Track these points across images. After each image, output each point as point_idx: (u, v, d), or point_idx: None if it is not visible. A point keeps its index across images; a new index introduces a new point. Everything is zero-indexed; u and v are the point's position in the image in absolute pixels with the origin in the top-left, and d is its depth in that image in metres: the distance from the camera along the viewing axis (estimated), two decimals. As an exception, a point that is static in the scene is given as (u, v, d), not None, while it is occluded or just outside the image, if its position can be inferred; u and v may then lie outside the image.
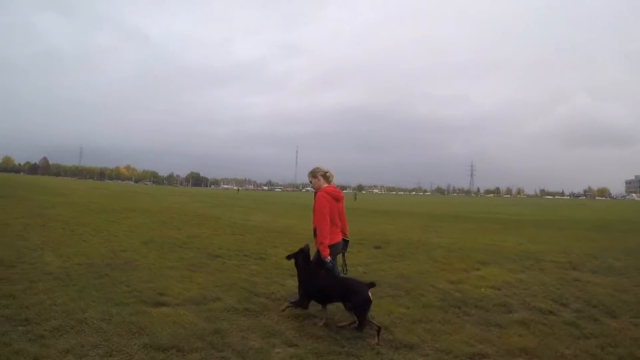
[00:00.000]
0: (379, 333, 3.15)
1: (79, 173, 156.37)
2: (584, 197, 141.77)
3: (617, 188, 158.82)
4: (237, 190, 75.79)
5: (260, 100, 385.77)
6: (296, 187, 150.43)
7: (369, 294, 3.24)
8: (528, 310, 4.03)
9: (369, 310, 3.26)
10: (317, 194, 3.71)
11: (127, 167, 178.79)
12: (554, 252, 7.55)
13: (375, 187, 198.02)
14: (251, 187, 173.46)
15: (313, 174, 3.83)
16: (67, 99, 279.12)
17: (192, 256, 6.21)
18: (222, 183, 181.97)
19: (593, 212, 27.60)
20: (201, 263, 5.73)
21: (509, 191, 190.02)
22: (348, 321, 3.39)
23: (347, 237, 3.91)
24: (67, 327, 3.04)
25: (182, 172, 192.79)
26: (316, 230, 3.57)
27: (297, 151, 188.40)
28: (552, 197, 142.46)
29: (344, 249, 3.88)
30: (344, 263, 3.96)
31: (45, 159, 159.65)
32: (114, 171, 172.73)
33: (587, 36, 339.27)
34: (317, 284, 3.49)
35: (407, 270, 5.76)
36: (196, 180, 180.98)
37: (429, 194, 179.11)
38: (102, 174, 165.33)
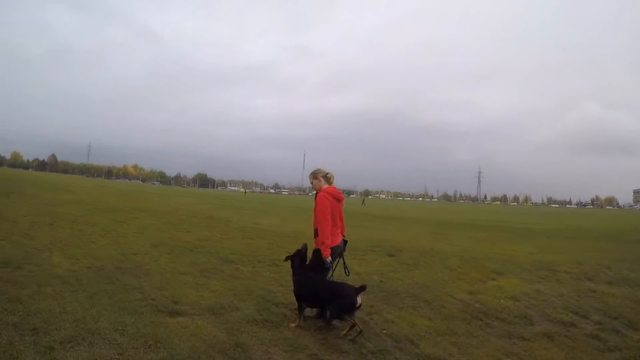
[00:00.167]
0: (352, 327, 3.22)
1: (86, 171, 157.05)
2: (592, 207, 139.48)
3: (624, 197, 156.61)
4: (244, 192, 75.62)
5: (268, 102, 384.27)
6: (303, 191, 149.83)
7: (357, 299, 3.27)
8: (549, 322, 3.95)
9: (354, 313, 3.30)
10: (318, 194, 3.72)
11: (135, 166, 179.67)
12: (567, 263, 7.32)
13: (381, 192, 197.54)
14: (258, 189, 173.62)
15: (314, 175, 3.86)
16: (76, 96, 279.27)
17: (204, 261, 5.99)
18: (228, 185, 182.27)
19: (601, 221, 27.36)
20: (214, 269, 5.51)
21: (515, 199, 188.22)
22: (348, 327, 3.29)
23: (346, 238, 3.92)
24: (78, 338, 2.82)
25: (189, 173, 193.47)
26: (317, 231, 3.57)
27: (304, 154, 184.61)
28: (560, 205, 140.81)
29: (343, 250, 3.87)
30: (345, 265, 3.90)
31: (53, 156, 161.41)
32: (121, 170, 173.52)
33: (597, 42, 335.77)
34: (312, 287, 3.47)
35: (423, 280, 5.59)
36: (203, 181, 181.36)
37: (436, 200, 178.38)
38: (109, 173, 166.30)
